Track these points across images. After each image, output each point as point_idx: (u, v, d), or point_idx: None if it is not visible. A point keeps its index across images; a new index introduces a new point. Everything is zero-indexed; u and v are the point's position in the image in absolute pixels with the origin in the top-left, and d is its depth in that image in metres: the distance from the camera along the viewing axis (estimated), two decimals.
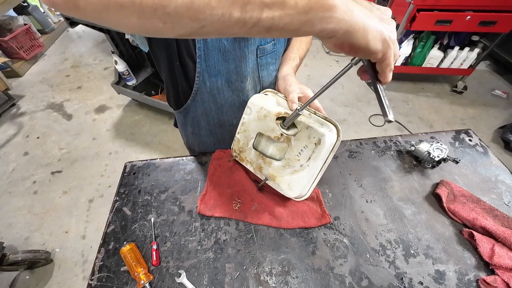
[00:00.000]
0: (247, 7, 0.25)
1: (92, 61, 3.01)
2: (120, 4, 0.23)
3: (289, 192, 0.60)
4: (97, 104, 2.48)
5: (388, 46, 0.32)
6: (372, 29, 0.31)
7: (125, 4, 0.23)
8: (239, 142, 0.67)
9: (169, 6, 0.24)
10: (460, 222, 0.62)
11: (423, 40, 2.21)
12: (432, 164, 0.72)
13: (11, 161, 2.02)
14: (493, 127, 2.16)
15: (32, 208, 1.74)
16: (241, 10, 0.25)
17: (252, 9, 0.26)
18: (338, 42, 0.32)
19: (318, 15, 0.28)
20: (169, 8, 0.24)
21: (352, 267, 0.56)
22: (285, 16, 0.27)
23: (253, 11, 0.26)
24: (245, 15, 0.26)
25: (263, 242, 0.60)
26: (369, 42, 0.31)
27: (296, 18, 0.27)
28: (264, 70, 0.69)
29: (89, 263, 1.49)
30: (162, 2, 0.23)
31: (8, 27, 2.69)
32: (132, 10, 0.23)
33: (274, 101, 0.62)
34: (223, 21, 0.26)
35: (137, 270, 0.54)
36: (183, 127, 0.83)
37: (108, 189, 1.84)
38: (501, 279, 0.52)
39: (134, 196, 0.69)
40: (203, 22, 0.26)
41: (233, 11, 0.25)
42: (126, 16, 0.24)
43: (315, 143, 0.54)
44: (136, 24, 0.25)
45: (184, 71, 0.63)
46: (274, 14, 0.26)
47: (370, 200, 0.67)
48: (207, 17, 0.25)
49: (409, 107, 2.37)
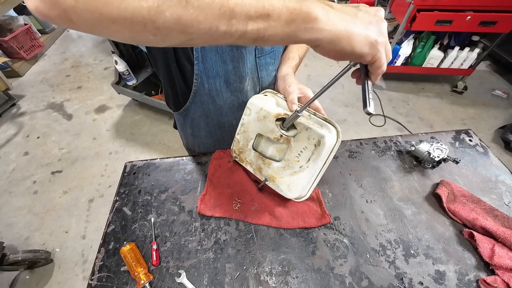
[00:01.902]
0: (233, 21, 0.27)
1: (92, 61, 3.01)
2: (112, 20, 0.24)
3: (288, 193, 0.60)
4: (97, 104, 2.48)
5: (375, 48, 0.33)
6: (357, 35, 0.32)
7: (117, 20, 0.24)
8: (238, 143, 0.67)
9: (158, 21, 0.24)
10: (460, 222, 0.62)
11: (423, 40, 2.21)
12: (432, 164, 0.72)
13: (11, 161, 2.02)
14: (493, 127, 2.16)
15: (32, 208, 1.74)
16: (227, 23, 0.27)
17: (238, 23, 0.27)
18: (324, 50, 0.33)
19: (301, 26, 0.29)
20: (158, 23, 0.25)
21: (352, 267, 0.56)
22: (269, 28, 0.28)
23: (239, 24, 0.27)
24: (231, 28, 0.27)
25: (263, 242, 0.60)
26: (354, 48, 0.32)
27: (280, 29, 0.29)
28: (263, 71, 0.69)
29: (89, 263, 1.49)
30: (151, 17, 0.24)
31: (8, 27, 2.69)
32: (124, 25, 0.24)
33: (274, 101, 0.62)
34: (210, 34, 0.27)
35: (137, 270, 0.54)
36: (183, 129, 0.83)
37: (108, 189, 1.84)
38: (501, 279, 0.52)
39: (134, 196, 0.69)
40: (191, 35, 0.27)
41: (219, 25, 0.26)
42: (118, 30, 0.25)
43: (314, 145, 0.54)
44: (128, 36, 0.26)
45: (181, 73, 0.63)
46: (259, 26, 0.28)
47: (370, 200, 0.67)
48: (194, 30, 0.26)
49: (409, 107, 2.37)
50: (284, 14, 0.28)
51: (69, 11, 0.23)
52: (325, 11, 0.30)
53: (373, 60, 0.34)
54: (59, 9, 0.22)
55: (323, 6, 0.30)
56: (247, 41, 0.29)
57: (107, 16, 0.23)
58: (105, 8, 0.23)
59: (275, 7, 0.27)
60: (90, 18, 0.23)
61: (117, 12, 0.23)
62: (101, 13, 0.23)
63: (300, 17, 0.29)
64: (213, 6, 0.25)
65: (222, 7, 0.25)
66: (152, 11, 0.23)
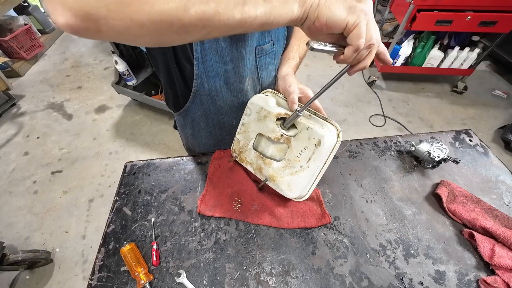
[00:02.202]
0: (245, 8, 0.30)
1: (92, 61, 3.01)
2: (141, 25, 0.24)
3: (289, 193, 0.60)
4: (97, 104, 2.48)
5: (354, 13, 0.35)
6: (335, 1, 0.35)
7: (146, 23, 0.24)
8: (239, 142, 0.67)
9: (184, 19, 0.26)
10: (460, 222, 0.62)
11: (423, 40, 2.21)
12: (432, 164, 0.72)
13: (12, 161, 2.02)
14: (493, 127, 2.16)
15: (32, 208, 1.74)
16: (241, 11, 0.30)
17: (249, 9, 0.31)
18: (310, 23, 0.37)
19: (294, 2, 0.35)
20: (184, 20, 0.26)
21: (352, 267, 0.56)
22: (272, 9, 0.33)
23: (250, 11, 0.31)
24: (245, 15, 0.30)
25: (263, 242, 0.60)
26: (334, 12, 0.35)
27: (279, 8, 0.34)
28: (264, 71, 0.69)
29: (89, 263, 1.49)
30: (179, 16, 0.25)
31: (8, 27, 2.69)
32: (151, 28, 0.25)
33: (274, 101, 0.62)
34: (227, 24, 0.30)
35: (137, 270, 0.54)
36: (183, 129, 0.83)
37: (108, 189, 1.84)
38: (501, 280, 0.52)
39: (134, 196, 0.69)
40: (210, 28, 0.30)
41: (235, 14, 0.30)
42: (145, 33, 0.26)
43: (315, 144, 0.54)
44: (151, 39, 0.28)
45: (181, 73, 0.63)
46: (265, 9, 0.32)
47: (370, 200, 0.67)
48: (215, 23, 0.29)
49: (409, 107, 2.36)
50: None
51: (101, 22, 0.23)
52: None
53: (353, 27, 0.35)
54: (91, 20, 0.23)
55: None
56: (256, 26, 0.34)
57: (137, 22, 0.24)
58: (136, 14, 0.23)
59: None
60: (120, 25, 0.24)
61: (147, 16, 0.24)
62: (131, 19, 0.24)
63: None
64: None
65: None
66: (180, 10, 0.25)
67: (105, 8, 0.22)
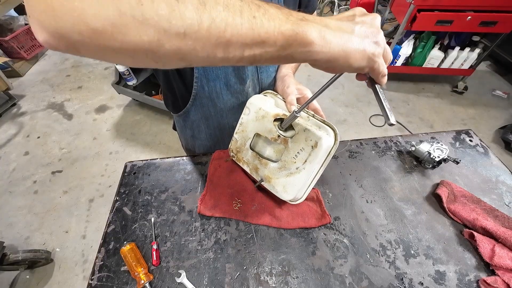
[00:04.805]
0: (230, 49, 0.27)
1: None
2: (116, 51, 0.25)
3: (284, 195, 0.59)
4: (97, 104, 2.48)
5: (372, 61, 0.34)
6: (354, 52, 0.32)
7: (120, 51, 0.25)
8: (236, 142, 0.67)
9: (159, 52, 0.25)
10: (460, 223, 0.62)
11: (423, 40, 2.21)
12: (433, 165, 0.72)
13: (12, 161, 2.02)
14: (493, 127, 2.16)
15: (33, 208, 1.74)
16: (223, 51, 0.27)
17: (234, 50, 0.27)
18: (322, 68, 0.34)
19: (297, 50, 0.30)
20: (159, 53, 0.26)
21: (352, 268, 0.56)
22: (265, 53, 0.29)
23: (235, 52, 0.28)
24: (228, 55, 0.28)
25: (263, 242, 0.60)
26: (351, 65, 0.33)
27: (276, 54, 0.29)
28: (264, 72, 0.68)
29: (89, 263, 1.49)
30: (152, 49, 0.25)
31: (9, 27, 2.69)
32: (127, 55, 0.25)
33: (273, 102, 0.62)
34: (208, 60, 0.28)
35: (137, 270, 0.54)
36: (183, 130, 0.83)
37: (109, 189, 1.84)
38: (501, 280, 0.52)
39: (134, 196, 0.69)
40: (190, 62, 0.28)
41: (217, 53, 0.27)
42: (122, 58, 0.26)
43: (312, 146, 0.53)
44: (131, 63, 0.28)
45: (181, 76, 0.63)
46: (255, 52, 0.28)
47: (371, 201, 0.67)
48: (193, 58, 0.27)
49: (409, 107, 2.36)
50: (280, 41, 0.28)
51: (77, 44, 0.24)
52: (320, 34, 0.30)
53: (371, 70, 0.35)
54: (67, 42, 0.24)
55: (319, 28, 0.30)
56: (245, 63, 0.30)
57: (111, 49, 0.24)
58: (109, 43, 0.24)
59: (270, 35, 0.27)
60: (96, 50, 0.24)
61: (120, 45, 0.24)
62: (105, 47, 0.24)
63: (296, 42, 0.29)
64: (210, 38, 0.26)
65: (219, 38, 0.26)
66: (153, 44, 0.24)
67: (78, 34, 0.23)
